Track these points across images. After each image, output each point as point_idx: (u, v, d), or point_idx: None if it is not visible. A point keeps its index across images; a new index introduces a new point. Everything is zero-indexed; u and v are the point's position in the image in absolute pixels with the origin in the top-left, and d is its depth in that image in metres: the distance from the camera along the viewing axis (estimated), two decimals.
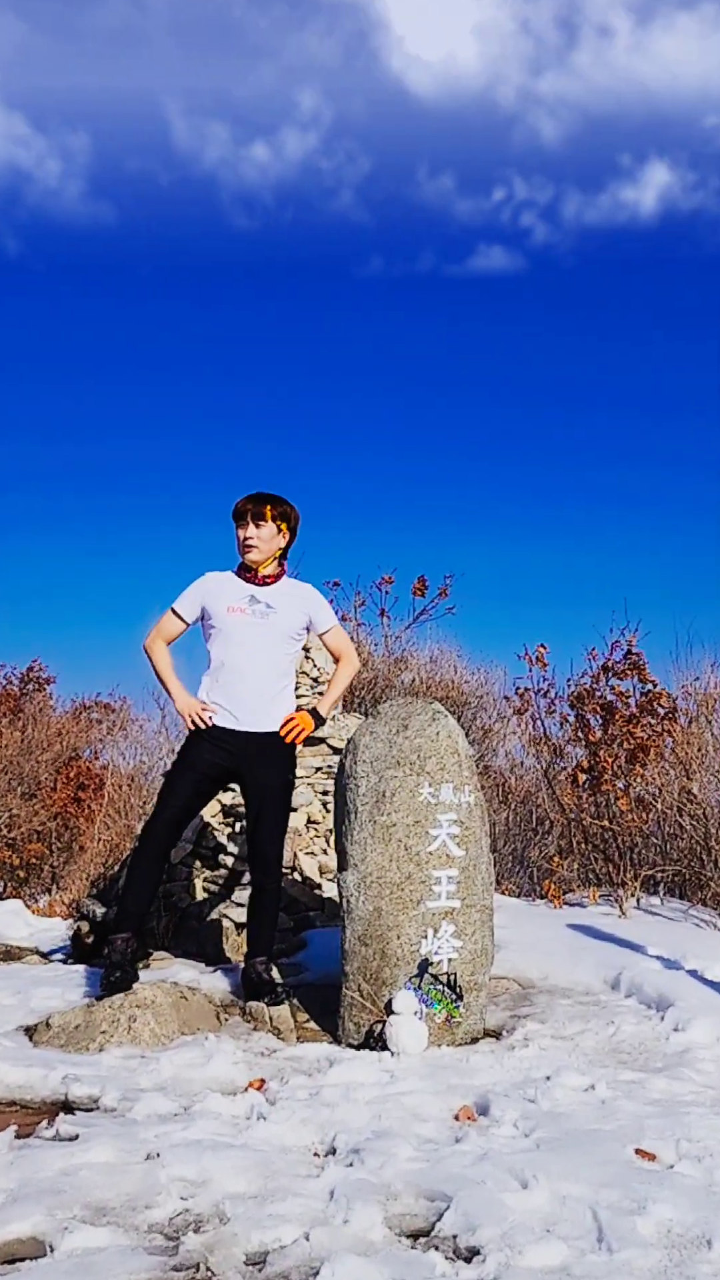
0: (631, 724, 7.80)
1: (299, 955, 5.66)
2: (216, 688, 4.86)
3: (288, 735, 4.84)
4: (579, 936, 5.91)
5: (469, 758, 4.63)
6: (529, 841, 10.25)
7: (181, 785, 4.82)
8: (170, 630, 4.96)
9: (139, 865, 4.79)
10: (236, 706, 4.81)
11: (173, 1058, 3.97)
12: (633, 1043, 4.32)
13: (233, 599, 4.86)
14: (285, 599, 4.91)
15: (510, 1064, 4.01)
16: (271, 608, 4.86)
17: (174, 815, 4.79)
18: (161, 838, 4.78)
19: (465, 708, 12.80)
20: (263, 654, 4.84)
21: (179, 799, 4.81)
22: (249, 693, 4.81)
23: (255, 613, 4.84)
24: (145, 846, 4.80)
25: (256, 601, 4.85)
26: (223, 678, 4.85)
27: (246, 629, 4.83)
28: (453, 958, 4.45)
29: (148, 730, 15.71)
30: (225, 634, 4.84)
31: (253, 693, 4.81)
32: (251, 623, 4.83)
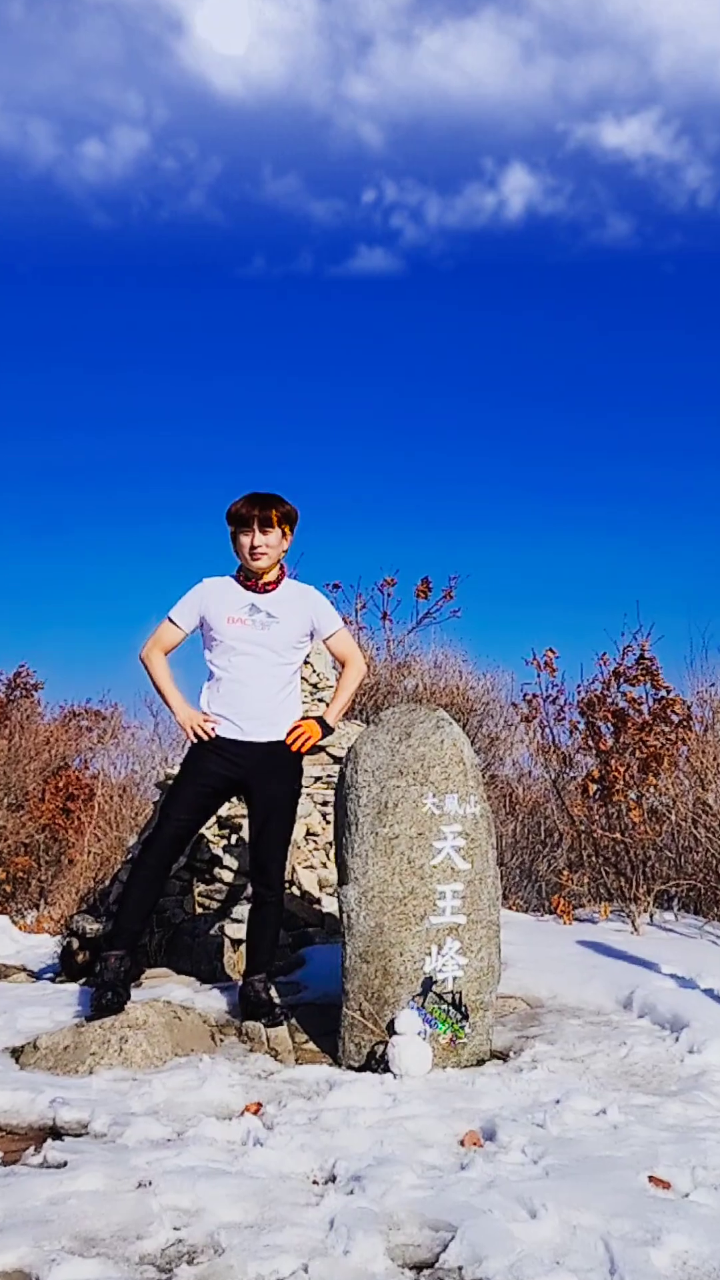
0: (644, 732, 7.79)
1: (297, 973, 5.65)
2: (218, 698, 4.84)
3: (294, 744, 4.83)
4: (589, 954, 5.90)
5: (475, 767, 4.62)
6: (537, 854, 10.25)
7: (185, 799, 4.81)
8: (168, 640, 4.94)
9: (137, 881, 4.78)
10: (240, 716, 4.80)
11: (166, 1080, 3.96)
12: (646, 1065, 4.31)
13: (232, 608, 4.84)
14: (287, 606, 4.89)
15: (518, 1087, 4.00)
16: (273, 617, 4.84)
17: (177, 831, 4.79)
18: (162, 853, 4.77)
19: (471, 715, 12.80)
20: (265, 664, 4.83)
21: (182, 813, 4.80)
22: (253, 702, 4.80)
23: (256, 623, 4.82)
24: (144, 861, 4.79)
25: (257, 611, 4.83)
26: (224, 688, 4.83)
27: (248, 640, 4.81)
28: (458, 976, 4.44)
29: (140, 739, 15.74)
30: (226, 645, 4.82)
31: (257, 702, 4.80)
32: (253, 633, 4.81)
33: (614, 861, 7.93)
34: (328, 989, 5.13)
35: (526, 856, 10.35)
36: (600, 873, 8.11)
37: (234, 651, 4.81)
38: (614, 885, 7.85)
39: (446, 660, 13.55)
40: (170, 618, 4.92)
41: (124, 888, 4.95)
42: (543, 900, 8.97)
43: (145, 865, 4.78)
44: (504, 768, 13.01)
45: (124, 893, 4.89)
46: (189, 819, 4.83)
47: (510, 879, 9.70)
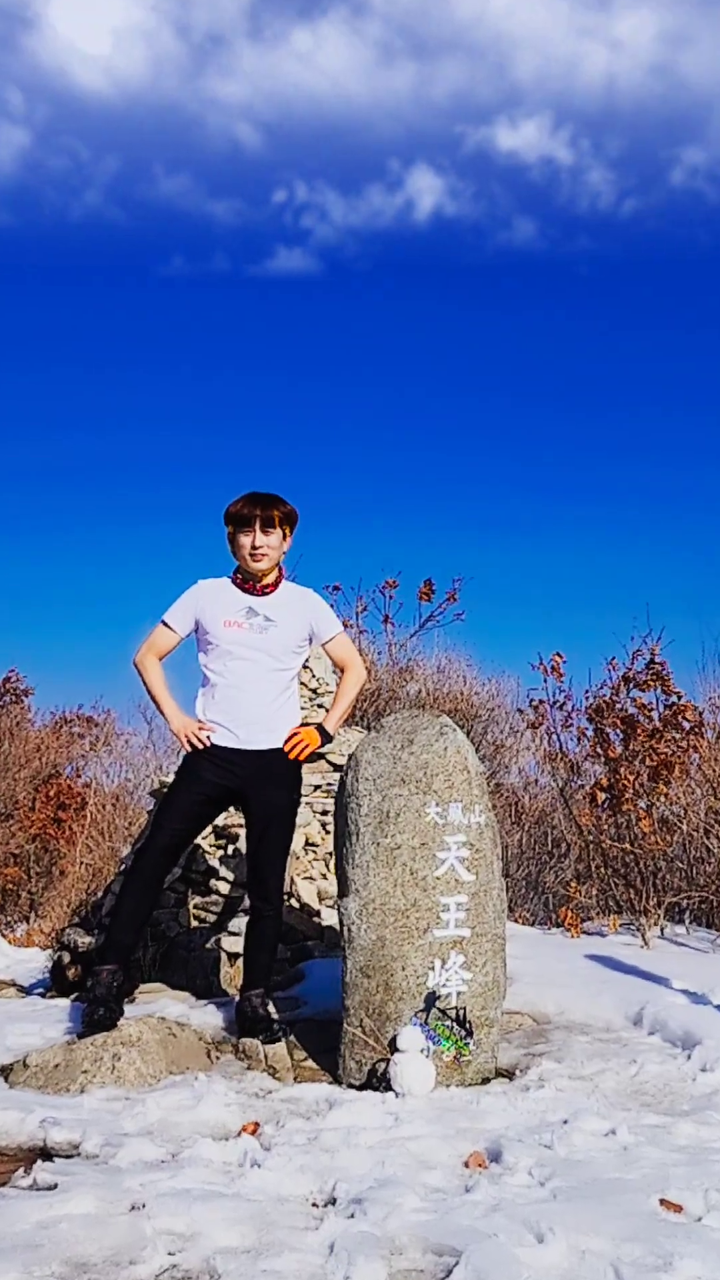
0: (654, 739, 7.78)
1: (296, 988, 5.65)
2: (214, 705, 4.84)
3: (293, 752, 4.82)
4: (598, 968, 5.89)
5: (479, 775, 4.62)
6: (544, 865, 10.24)
7: (179, 808, 4.80)
8: (163, 644, 4.92)
9: (129, 893, 4.77)
10: (237, 723, 4.79)
11: (160, 1100, 3.95)
12: (657, 1084, 4.30)
13: (229, 612, 4.82)
14: (285, 609, 4.87)
15: (524, 1106, 3.99)
16: (271, 620, 4.82)
17: (170, 841, 4.78)
18: (155, 864, 4.77)
19: (475, 721, 12.80)
20: (263, 669, 4.81)
21: (176, 822, 4.79)
22: (250, 708, 4.79)
23: (253, 626, 4.81)
24: (137, 873, 4.78)
25: (255, 614, 4.82)
26: (220, 694, 4.82)
27: (245, 644, 4.80)
28: (462, 991, 4.44)
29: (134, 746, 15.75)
30: (222, 649, 4.80)
31: (254, 708, 4.80)
32: (250, 638, 4.80)
33: (623, 873, 7.93)
34: (327, 1004, 5.12)
35: (533, 867, 10.34)
36: (609, 884, 8.11)
37: (230, 656, 4.80)
38: (623, 897, 7.85)
39: (450, 665, 13.56)
40: (164, 621, 4.91)
41: (116, 899, 4.94)
42: (550, 913, 8.96)
43: (138, 876, 4.77)
44: (510, 776, 13.00)
45: (116, 904, 4.88)
46: (183, 828, 4.82)
47: (516, 891, 9.69)
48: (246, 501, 4.80)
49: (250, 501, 4.79)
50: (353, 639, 13.24)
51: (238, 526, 4.81)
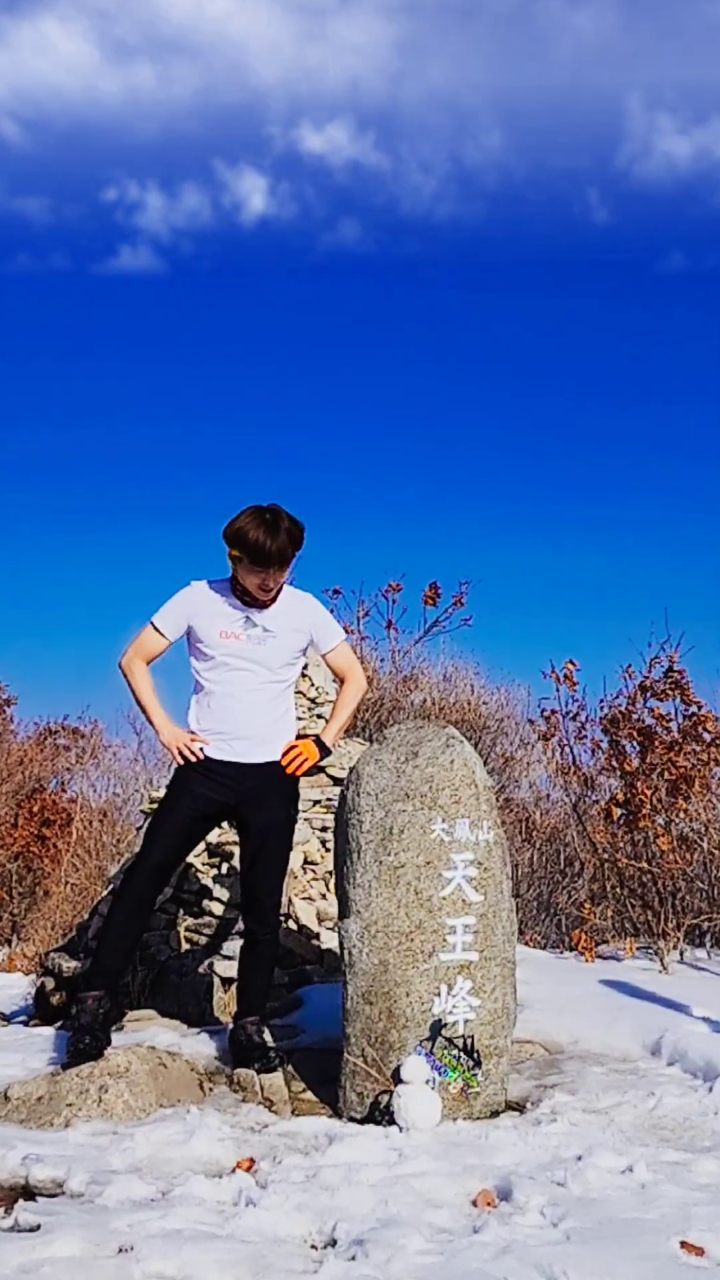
0: (673, 751, 7.77)
1: (294, 1015, 5.64)
2: (208, 715, 4.82)
3: (290, 766, 4.81)
4: (614, 994, 5.88)
5: (488, 789, 4.61)
6: (556, 885, 10.23)
7: (171, 824, 4.79)
8: (151, 648, 4.88)
9: (118, 914, 4.77)
10: (231, 736, 4.78)
11: (149, 1134, 3.94)
12: (676, 1118, 4.28)
13: (225, 621, 4.79)
14: (284, 619, 4.84)
15: (536, 1141, 3.98)
16: (270, 631, 4.79)
17: (161, 859, 4.77)
18: (145, 884, 4.75)
19: (484, 732, 12.79)
20: (260, 679, 4.80)
21: (168, 839, 4.78)
22: (245, 720, 4.78)
23: (251, 637, 4.78)
24: (126, 893, 4.77)
25: (252, 624, 4.78)
26: (215, 704, 4.81)
27: (241, 655, 4.77)
28: (469, 1018, 4.43)
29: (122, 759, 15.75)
30: (217, 660, 4.78)
31: (249, 720, 4.78)
32: (247, 649, 4.78)
33: (640, 893, 7.91)
34: (327, 1032, 5.10)
35: (545, 887, 10.33)
36: (625, 905, 8.09)
37: (226, 667, 4.78)
38: (640, 919, 7.83)
39: (457, 673, 13.56)
40: (154, 624, 4.87)
41: (103, 921, 4.93)
42: (562, 935, 8.95)
43: (127, 896, 4.76)
44: (520, 790, 13.00)
45: (104, 926, 4.87)
46: (175, 845, 4.81)
47: (527, 912, 9.68)
48: (267, 534, 4.57)
49: (269, 534, 4.57)
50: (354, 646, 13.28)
51: (252, 561, 4.63)
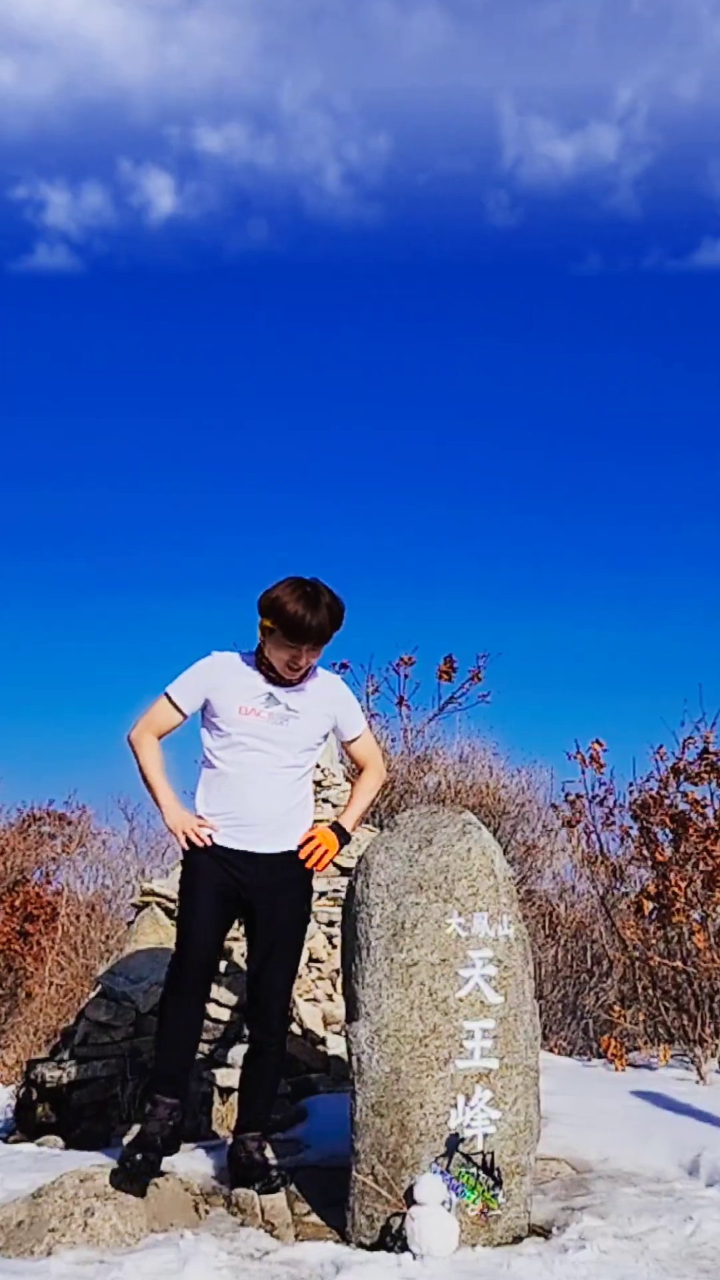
0: (710, 839, 7.76)
1: (298, 1129, 5.60)
2: (218, 797, 4.77)
3: (310, 860, 4.77)
4: (647, 1107, 5.84)
5: (508, 880, 4.60)
6: (583, 986, 10.16)
7: (204, 909, 4.69)
8: (163, 722, 4.81)
9: (172, 1014, 4.67)
10: (244, 823, 4.72)
11: (139, 1263, 3.90)
12: (717, 1245, 4.23)
13: (246, 697, 4.72)
14: (310, 699, 4.81)
15: (562, 1270, 3.93)
16: (293, 711, 4.75)
17: (205, 951, 4.68)
18: (197, 976, 4.68)
19: (503, 818, 12.78)
20: (278, 763, 4.76)
21: (206, 926, 4.69)
22: (259, 805, 4.73)
23: (273, 716, 4.72)
24: (177, 990, 4.66)
25: (275, 702, 4.74)
26: (227, 786, 4.75)
27: (260, 735, 4.72)
28: (489, 1133, 4.38)
29: (112, 847, 15.72)
30: (233, 738, 4.73)
31: (264, 806, 4.73)
32: (267, 728, 4.72)
33: (675, 995, 7.85)
34: (334, 1148, 5.06)
35: (570, 988, 10.27)
36: (658, 1008, 8.03)
37: (242, 746, 4.73)
38: (675, 1024, 7.77)
39: (474, 753, 13.57)
40: (169, 695, 4.79)
41: (159, 1025, 4.81)
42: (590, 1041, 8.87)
43: (180, 993, 4.66)
44: (543, 881, 12.96)
45: (160, 1030, 4.76)
46: (209, 931, 4.70)
47: (551, 1015, 9.60)
48: (307, 609, 4.55)
49: (310, 610, 4.56)
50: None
51: (286, 635, 4.59)
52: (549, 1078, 5.15)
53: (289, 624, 4.55)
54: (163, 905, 7.08)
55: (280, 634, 4.59)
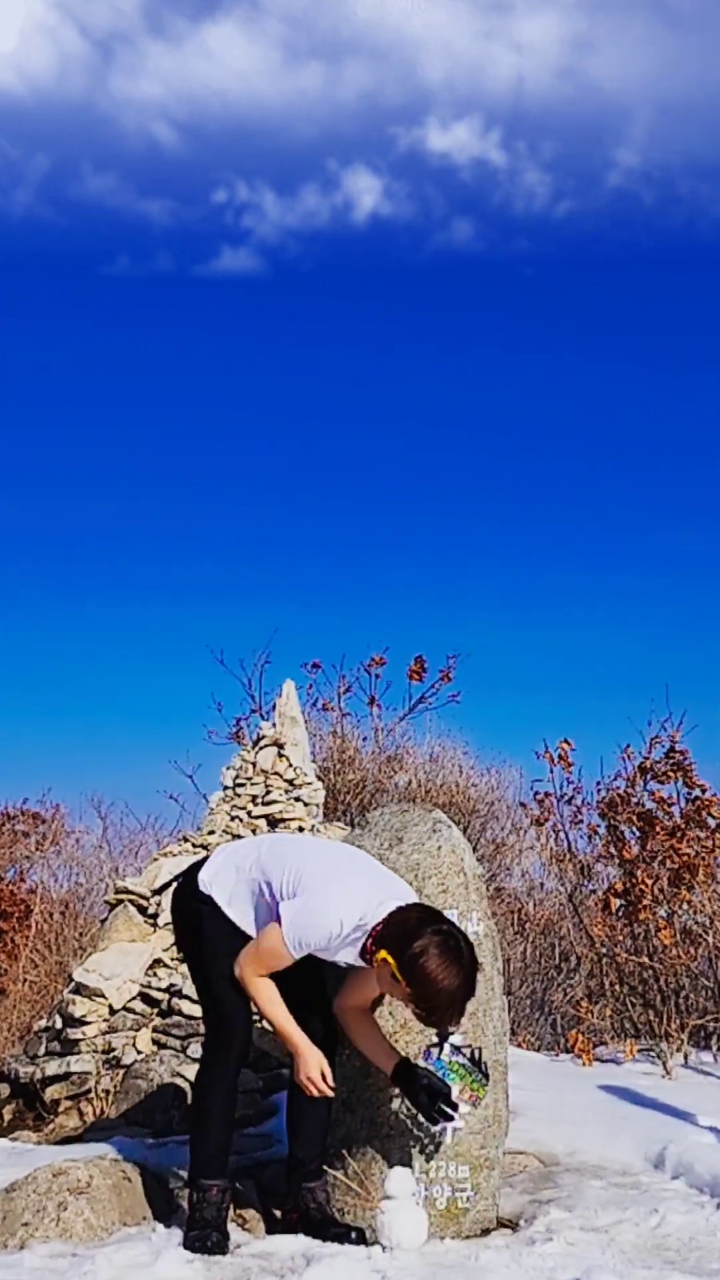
0: (675, 838, 7.78)
1: (269, 1123, 5.58)
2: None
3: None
4: (614, 1101, 5.84)
5: (477, 878, 4.61)
6: (551, 982, 10.17)
7: (238, 999, 4.27)
8: (276, 969, 4.21)
9: (220, 1104, 4.27)
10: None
11: (111, 1256, 3.88)
12: (682, 1237, 4.24)
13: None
14: None
15: (530, 1263, 3.92)
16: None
17: (248, 1024, 4.34)
18: (240, 1060, 4.34)
19: (473, 816, 12.79)
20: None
21: (244, 1015, 4.31)
22: None
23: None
24: (225, 1074, 4.30)
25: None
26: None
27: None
28: (458, 1127, 4.38)
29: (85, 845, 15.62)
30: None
31: None
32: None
33: (641, 991, 7.87)
34: None
35: (538, 984, 10.26)
36: (625, 1004, 8.05)
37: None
38: (642, 1019, 7.79)
39: (444, 753, 13.58)
40: (291, 954, 4.14)
41: (199, 1107, 4.39)
42: (558, 1037, 8.88)
43: (224, 1075, 4.29)
44: (512, 879, 12.97)
45: (202, 1113, 4.32)
46: (248, 1015, 4.36)
47: (519, 1010, 9.59)
48: (464, 989, 4.01)
49: (467, 989, 4.02)
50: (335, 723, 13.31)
51: (419, 1007, 4.02)
52: (517, 1073, 5.15)
53: (428, 1004, 4.00)
54: (135, 903, 7.06)
55: (410, 995, 4.00)
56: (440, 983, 3.91)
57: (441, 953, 3.92)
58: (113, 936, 6.98)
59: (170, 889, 6.90)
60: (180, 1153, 5.08)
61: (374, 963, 4.04)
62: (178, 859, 7.11)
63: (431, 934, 3.95)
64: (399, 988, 3.99)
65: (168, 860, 7.20)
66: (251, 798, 7.33)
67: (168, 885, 6.98)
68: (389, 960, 3.96)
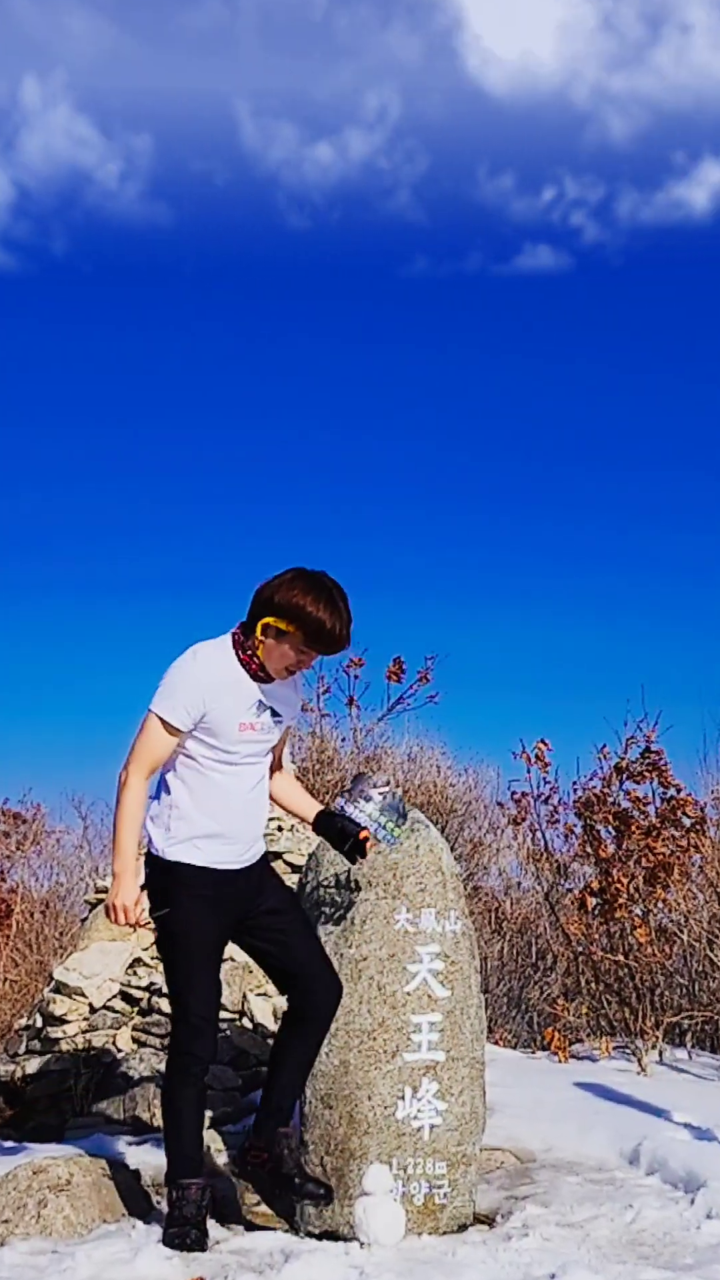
0: (651, 837, 7.80)
1: (248, 1120, 5.57)
2: (208, 816, 4.18)
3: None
4: (589, 1098, 5.85)
5: (455, 877, 4.61)
6: (528, 980, 10.19)
7: (202, 978, 4.19)
8: (163, 754, 4.14)
9: (188, 1103, 4.22)
10: (237, 839, 4.23)
11: (91, 1252, 3.87)
12: (656, 1232, 4.25)
13: (243, 710, 4.16)
14: (285, 692, 4.32)
15: (506, 1258, 3.93)
16: (278, 716, 4.27)
17: (213, 1016, 4.27)
18: (208, 1056, 4.25)
19: (451, 816, 12.79)
20: (261, 771, 4.32)
21: (210, 990, 4.22)
22: (254, 820, 4.31)
23: (263, 726, 4.21)
24: (190, 1077, 4.20)
25: (264, 708, 4.20)
26: (219, 802, 4.19)
27: (254, 750, 4.24)
28: (436, 1124, 4.39)
29: (66, 845, 15.59)
30: (231, 755, 4.18)
31: (257, 819, 4.32)
32: (259, 738, 4.23)
33: (617, 988, 7.89)
34: None
35: (515, 982, 10.28)
36: (601, 1001, 8.07)
37: (238, 763, 4.20)
38: (617, 1017, 7.81)
39: (422, 753, 13.56)
40: (165, 721, 4.08)
41: (169, 1109, 4.28)
42: (534, 1034, 8.90)
43: (191, 1073, 4.20)
44: (489, 878, 12.97)
45: (173, 1115, 4.26)
46: (217, 985, 4.29)
47: (496, 1009, 9.61)
48: (335, 619, 4.10)
49: (340, 621, 4.11)
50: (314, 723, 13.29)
51: (311, 643, 4.12)
52: (494, 1070, 5.16)
53: (317, 632, 4.08)
54: None
55: (300, 639, 4.09)
56: (315, 611, 4.04)
57: (313, 587, 4.09)
58: (93, 936, 6.97)
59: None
60: (160, 1150, 5.08)
61: (257, 642, 4.13)
62: None
63: (285, 574, 4.14)
64: (286, 638, 4.10)
65: None
66: None
67: None
68: (267, 622, 4.09)
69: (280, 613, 4.07)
